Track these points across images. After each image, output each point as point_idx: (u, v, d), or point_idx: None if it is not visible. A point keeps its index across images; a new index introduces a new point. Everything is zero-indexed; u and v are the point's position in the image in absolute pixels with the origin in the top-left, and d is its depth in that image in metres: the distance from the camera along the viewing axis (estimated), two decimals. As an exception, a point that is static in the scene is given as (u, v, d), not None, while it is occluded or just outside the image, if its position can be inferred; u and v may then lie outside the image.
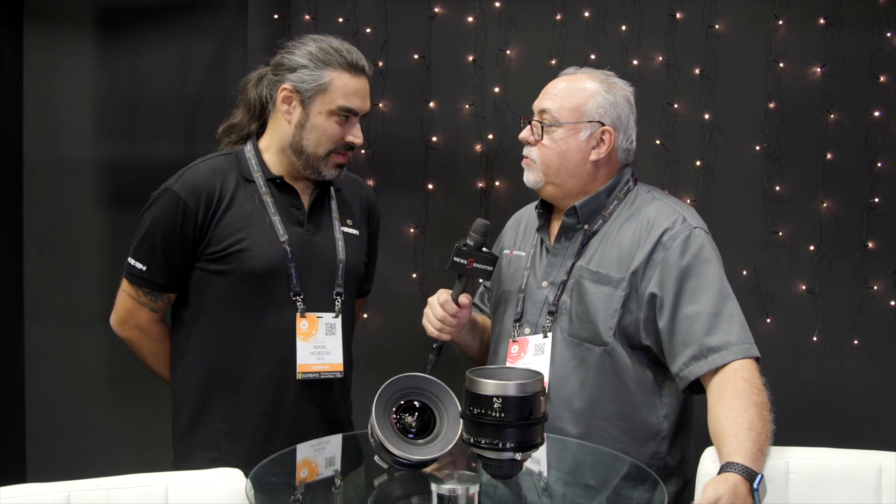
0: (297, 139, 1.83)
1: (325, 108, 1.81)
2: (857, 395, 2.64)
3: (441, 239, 2.83)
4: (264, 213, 1.83)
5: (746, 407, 1.51)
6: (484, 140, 2.79)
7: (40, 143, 3.02)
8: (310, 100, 1.81)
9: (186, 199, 1.78)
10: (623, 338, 1.72)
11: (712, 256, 1.70)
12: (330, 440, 1.82)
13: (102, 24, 2.98)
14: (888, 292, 2.61)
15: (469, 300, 1.81)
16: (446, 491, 1.27)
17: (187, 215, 1.78)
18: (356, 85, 1.83)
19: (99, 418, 3.03)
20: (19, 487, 1.44)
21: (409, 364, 1.74)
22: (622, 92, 1.83)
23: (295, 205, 1.88)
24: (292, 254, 1.82)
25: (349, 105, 1.82)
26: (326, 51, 1.82)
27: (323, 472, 1.72)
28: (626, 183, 1.85)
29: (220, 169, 1.85)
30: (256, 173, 1.86)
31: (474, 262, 1.76)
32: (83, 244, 3.01)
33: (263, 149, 1.89)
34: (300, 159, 1.85)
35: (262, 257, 1.79)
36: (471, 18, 2.78)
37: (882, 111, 2.60)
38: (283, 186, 1.87)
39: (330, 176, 1.87)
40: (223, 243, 1.80)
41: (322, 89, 1.80)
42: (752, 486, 1.39)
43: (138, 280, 1.83)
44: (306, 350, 1.83)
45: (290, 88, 1.82)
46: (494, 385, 1.33)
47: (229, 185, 1.83)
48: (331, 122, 1.82)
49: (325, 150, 1.83)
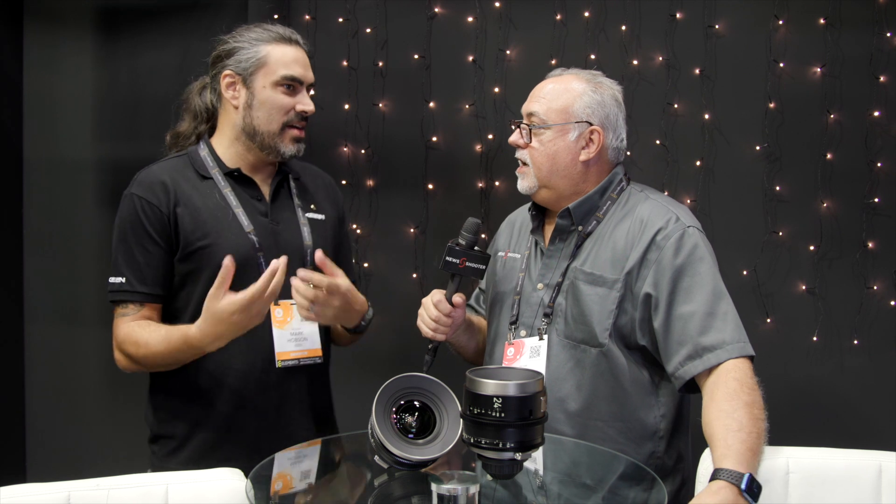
0: (248, 121, 1.84)
1: (268, 80, 1.82)
2: (857, 395, 2.64)
3: (441, 239, 2.82)
4: (226, 206, 1.84)
5: (736, 408, 1.51)
6: (484, 140, 2.79)
7: (40, 143, 3.02)
8: (251, 77, 1.83)
9: (145, 196, 1.81)
10: (619, 338, 1.72)
11: (706, 255, 1.70)
12: (327, 441, 1.83)
13: (102, 24, 2.98)
14: (888, 292, 2.61)
15: (463, 299, 1.82)
16: (446, 491, 1.27)
17: (149, 210, 1.80)
18: (294, 54, 1.85)
19: (99, 418, 3.03)
20: (19, 487, 1.44)
21: (410, 364, 1.74)
22: (610, 91, 1.83)
23: (256, 196, 1.89)
24: (260, 244, 1.83)
25: (291, 73, 1.83)
26: (258, 30, 1.86)
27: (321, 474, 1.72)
28: (619, 183, 1.85)
29: (175, 168, 1.87)
30: (213, 169, 1.87)
31: (467, 262, 1.76)
32: (83, 244, 3.01)
33: (216, 144, 1.91)
34: (255, 141, 1.85)
35: (231, 250, 1.77)
36: (471, 18, 2.78)
37: (882, 111, 2.60)
38: (242, 179, 1.88)
39: (289, 152, 1.87)
40: (188, 241, 1.80)
41: (261, 63, 1.82)
42: (740, 489, 1.40)
43: (121, 295, 1.82)
44: (283, 337, 1.84)
45: (231, 73, 1.84)
46: (494, 385, 1.33)
47: (186, 182, 1.85)
48: (277, 94, 1.83)
49: (278, 123, 1.84)
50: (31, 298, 3.03)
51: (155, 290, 1.82)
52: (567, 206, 1.81)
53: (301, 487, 1.60)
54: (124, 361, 1.84)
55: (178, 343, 1.73)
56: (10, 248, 2.99)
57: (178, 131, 1.97)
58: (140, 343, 1.77)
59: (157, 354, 1.76)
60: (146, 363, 1.80)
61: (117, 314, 1.84)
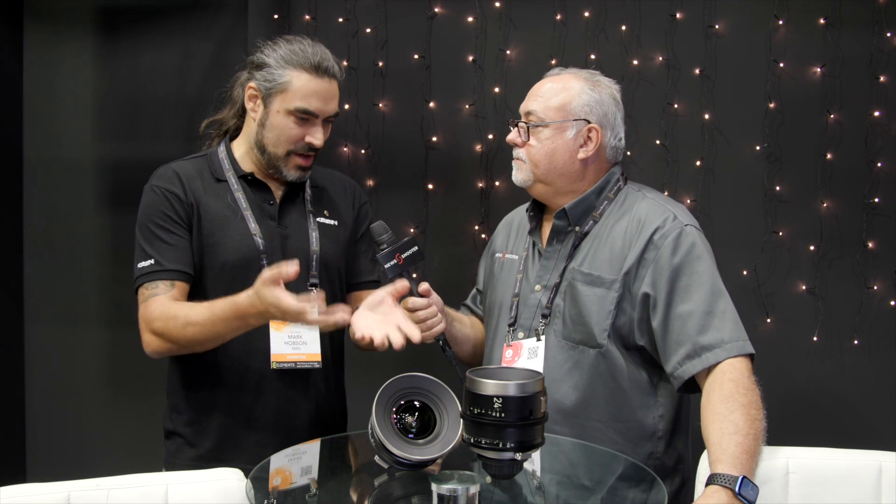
0: (260, 137, 1.86)
1: (283, 107, 1.82)
2: (857, 395, 2.64)
3: (441, 239, 2.83)
4: (236, 208, 1.85)
5: (732, 410, 1.51)
6: (484, 140, 2.79)
7: (40, 143, 3.02)
8: (270, 99, 1.83)
9: (166, 186, 1.84)
10: (617, 339, 1.72)
11: (704, 254, 1.70)
12: (324, 442, 1.83)
13: (102, 24, 2.98)
14: (888, 292, 2.61)
15: (427, 285, 1.74)
16: (446, 491, 1.26)
17: (172, 198, 1.82)
18: (316, 86, 1.82)
19: (99, 418, 3.03)
20: (19, 487, 1.44)
21: (410, 364, 1.74)
22: (607, 90, 1.83)
23: (268, 200, 1.90)
24: (264, 247, 1.83)
25: (306, 106, 1.82)
26: (293, 51, 1.83)
27: (321, 474, 1.72)
28: (616, 182, 1.84)
29: (192, 168, 1.89)
30: (228, 171, 1.89)
31: (402, 255, 1.69)
32: (83, 244, 3.01)
33: (236, 147, 1.93)
34: (263, 157, 1.87)
35: (234, 250, 1.80)
36: (471, 18, 2.77)
37: (882, 111, 2.60)
38: (255, 183, 1.90)
39: (291, 177, 1.87)
40: (200, 235, 1.82)
41: (281, 89, 1.82)
42: (734, 492, 1.39)
43: (150, 276, 1.78)
44: (280, 340, 1.83)
45: (255, 87, 1.85)
46: (495, 385, 1.33)
47: (199, 182, 1.87)
48: (288, 122, 1.83)
49: (284, 150, 1.85)
50: (31, 298, 3.03)
51: (185, 268, 1.80)
52: (563, 205, 1.81)
53: (301, 488, 1.60)
54: (155, 342, 1.76)
55: (224, 311, 1.67)
56: (10, 248, 2.98)
57: (214, 118, 1.99)
58: (179, 315, 1.71)
59: (197, 325, 1.70)
60: (182, 339, 1.73)
61: (145, 296, 1.78)
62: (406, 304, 1.71)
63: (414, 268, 1.72)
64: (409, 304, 1.71)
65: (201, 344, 1.75)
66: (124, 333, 2.46)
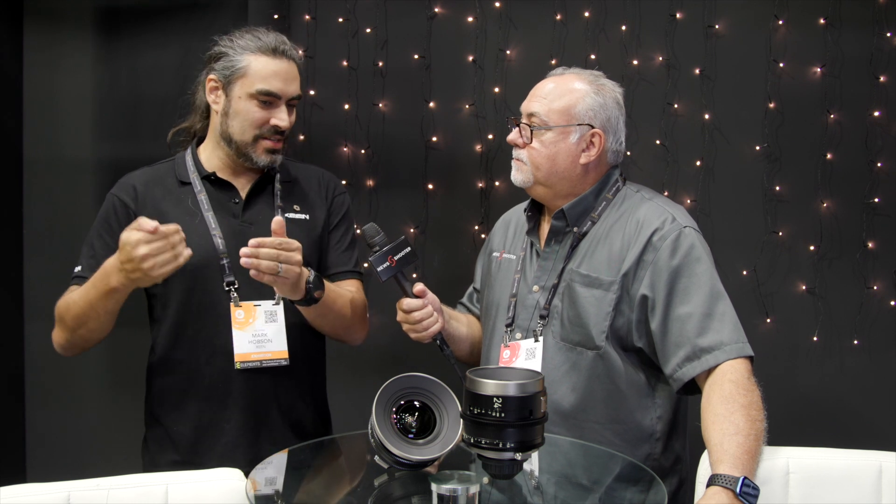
0: (225, 127, 1.86)
1: (244, 91, 1.82)
2: (858, 395, 2.64)
3: (441, 239, 2.83)
4: (196, 210, 1.86)
5: (732, 411, 1.51)
6: (484, 140, 2.79)
7: (40, 143, 3.01)
8: (230, 86, 1.83)
9: (118, 194, 1.89)
10: (615, 340, 1.72)
11: (703, 255, 1.69)
12: (328, 441, 1.83)
13: (102, 24, 2.98)
14: (888, 292, 2.61)
15: (422, 285, 1.74)
16: (446, 491, 1.26)
17: (120, 207, 1.87)
18: (275, 67, 1.83)
19: (99, 418, 3.03)
20: (19, 487, 1.44)
21: (410, 364, 1.74)
22: (611, 93, 1.82)
23: (232, 199, 1.90)
24: (224, 246, 1.83)
25: (268, 87, 1.82)
26: (249, 38, 1.85)
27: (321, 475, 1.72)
28: (615, 183, 1.84)
29: (155, 174, 1.93)
30: (192, 174, 1.90)
31: (394, 257, 1.68)
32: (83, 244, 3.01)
33: (202, 150, 1.94)
34: (231, 148, 1.87)
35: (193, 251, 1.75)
36: (471, 18, 2.78)
37: (882, 111, 2.60)
38: (219, 182, 1.90)
39: (262, 162, 1.87)
40: None
41: (241, 74, 1.82)
42: (735, 493, 1.39)
43: (74, 281, 1.87)
44: (244, 339, 1.83)
45: (214, 78, 1.85)
46: (495, 385, 1.33)
47: (160, 188, 1.89)
48: (251, 106, 1.82)
49: (251, 135, 1.84)
50: (31, 298, 3.03)
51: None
52: (562, 206, 1.81)
53: (301, 487, 1.60)
54: (56, 334, 1.85)
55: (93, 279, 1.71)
56: (10, 248, 2.98)
57: (182, 126, 2.00)
58: (68, 298, 1.80)
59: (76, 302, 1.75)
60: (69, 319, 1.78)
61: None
62: (401, 305, 1.72)
63: (408, 268, 1.71)
64: (404, 306, 1.72)
65: (84, 323, 1.76)
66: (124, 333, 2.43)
